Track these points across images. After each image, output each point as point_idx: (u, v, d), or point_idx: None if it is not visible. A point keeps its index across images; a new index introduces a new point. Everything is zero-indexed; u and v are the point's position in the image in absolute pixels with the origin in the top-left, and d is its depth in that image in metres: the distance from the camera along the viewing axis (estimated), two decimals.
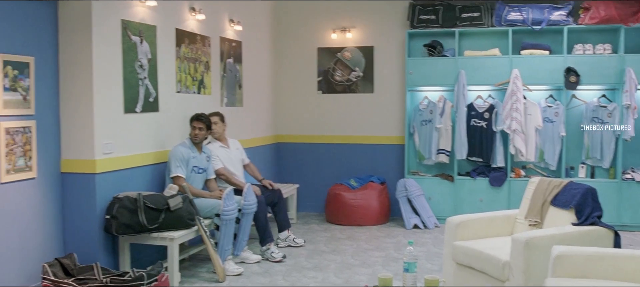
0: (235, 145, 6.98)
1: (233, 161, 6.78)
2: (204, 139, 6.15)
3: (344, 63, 8.78)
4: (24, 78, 4.87)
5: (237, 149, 6.96)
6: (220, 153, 6.64)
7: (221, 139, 6.75)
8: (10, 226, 4.78)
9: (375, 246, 6.92)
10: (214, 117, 6.60)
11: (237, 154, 6.93)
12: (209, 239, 5.58)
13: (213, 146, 6.60)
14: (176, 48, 6.37)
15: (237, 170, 6.82)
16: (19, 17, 4.83)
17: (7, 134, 4.72)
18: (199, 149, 6.11)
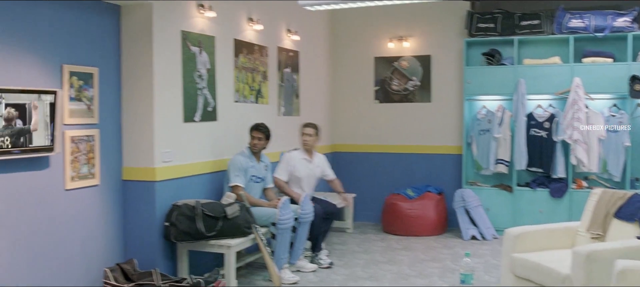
0: (319, 161, 6.99)
1: (309, 175, 6.81)
2: (262, 149, 6.20)
3: (401, 72, 8.74)
4: (88, 88, 5.02)
5: (318, 166, 6.95)
6: (299, 165, 6.74)
7: (309, 151, 6.84)
8: (74, 231, 4.93)
9: (431, 256, 6.85)
10: (309, 128, 6.80)
11: (316, 170, 6.93)
12: (265, 248, 5.63)
13: (295, 155, 6.75)
14: (234, 58, 6.46)
15: (309, 185, 6.83)
16: (84, 30, 4.99)
17: (72, 142, 4.87)
18: (257, 158, 6.17)
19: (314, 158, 6.90)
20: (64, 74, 4.79)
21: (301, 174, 6.74)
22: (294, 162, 6.73)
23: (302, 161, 6.78)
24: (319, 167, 6.97)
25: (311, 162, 6.84)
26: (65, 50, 4.82)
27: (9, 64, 4.36)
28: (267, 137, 6.18)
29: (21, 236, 4.48)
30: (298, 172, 6.72)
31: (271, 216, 5.84)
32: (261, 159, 6.22)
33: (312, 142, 6.80)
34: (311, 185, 6.88)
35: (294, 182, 6.76)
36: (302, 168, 6.75)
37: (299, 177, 6.73)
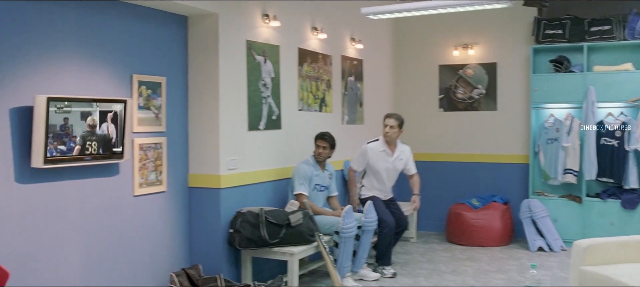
0: (402, 154, 6.67)
1: (387, 168, 6.56)
2: (327, 158, 6.21)
3: (466, 80, 8.63)
4: (156, 97, 5.15)
5: (400, 159, 6.65)
6: (376, 157, 6.52)
7: (390, 144, 6.56)
8: (142, 236, 5.06)
9: (497, 267, 6.72)
10: (390, 119, 6.51)
11: (398, 164, 6.64)
12: (328, 256, 5.64)
13: (373, 146, 6.55)
14: (298, 67, 6.52)
15: (388, 178, 6.61)
16: (153, 40, 5.13)
17: (141, 150, 5.01)
18: (322, 167, 6.19)
19: (395, 151, 6.60)
20: (134, 84, 4.94)
21: (378, 167, 6.53)
22: (371, 153, 6.52)
23: (380, 153, 6.54)
24: (402, 160, 6.66)
25: (391, 155, 6.57)
26: (135, 61, 4.97)
27: (83, 74, 4.53)
28: (332, 146, 6.18)
29: (92, 240, 4.63)
30: (375, 164, 6.52)
31: (334, 224, 5.84)
32: (326, 168, 6.24)
33: (393, 134, 6.50)
34: (390, 178, 6.64)
35: (370, 174, 6.60)
36: (379, 161, 6.53)
37: (376, 170, 6.54)
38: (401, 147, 6.68)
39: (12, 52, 4.05)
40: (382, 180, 6.59)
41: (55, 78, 4.33)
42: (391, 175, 6.64)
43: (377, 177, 6.60)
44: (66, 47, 4.41)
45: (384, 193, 6.69)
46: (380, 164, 6.53)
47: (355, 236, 5.99)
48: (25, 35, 4.13)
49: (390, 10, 6.06)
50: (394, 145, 6.59)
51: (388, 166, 6.56)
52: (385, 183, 6.63)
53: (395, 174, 6.69)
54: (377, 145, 6.56)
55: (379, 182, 6.61)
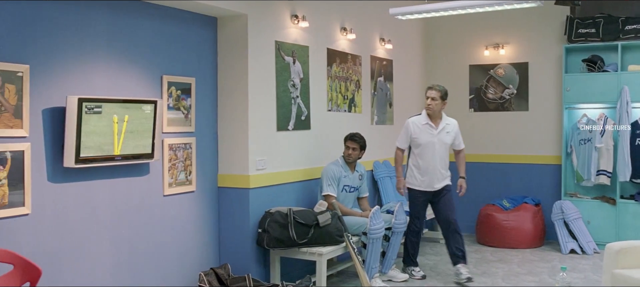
0: (449, 127, 6.21)
1: (432, 142, 6.11)
2: (357, 159, 6.19)
3: (496, 80, 8.55)
4: (186, 98, 5.20)
5: (447, 133, 6.19)
6: (418, 130, 6.14)
7: (433, 117, 6.14)
8: (172, 235, 5.11)
9: (528, 270, 6.64)
10: (432, 90, 6.11)
11: (445, 137, 6.18)
12: (356, 256, 5.63)
13: (415, 120, 6.20)
14: (327, 67, 6.52)
15: (433, 153, 6.11)
16: (182, 41, 5.18)
17: (170, 150, 5.06)
18: (351, 168, 6.17)
19: (440, 123, 6.16)
20: (164, 85, 4.99)
21: (421, 141, 6.11)
22: (412, 127, 6.17)
23: (423, 126, 6.13)
24: (449, 133, 6.19)
25: (435, 128, 6.12)
26: (165, 62, 5.02)
27: (114, 75, 4.59)
28: (361, 147, 6.15)
29: (122, 239, 4.69)
30: (417, 138, 6.13)
31: (362, 225, 5.83)
32: (356, 169, 6.21)
33: (435, 106, 6.08)
34: (437, 153, 6.11)
35: (415, 153, 6.20)
36: (422, 134, 6.12)
37: (420, 144, 6.13)
38: (447, 119, 6.23)
39: (45, 53, 4.12)
40: (427, 157, 6.11)
41: (87, 79, 4.40)
42: (438, 150, 6.12)
43: (422, 156, 6.13)
44: (98, 49, 4.47)
45: (431, 180, 6.14)
46: (423, 138, 6.11)
47: (385, 237, 5.97)
48: (58, 37, 4.20)
49: (418, 10, 6.03)
50: (438, 118, 6.16)
51: (433, 139, 6.10)
52: (431, 161, 6.10)
53: (444, 149, 6.17)
54: (420, 118, 6.18)
55: (424, 161, 6.12)
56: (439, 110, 6.14)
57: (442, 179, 6.21)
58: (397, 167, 6.37)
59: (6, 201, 3.92)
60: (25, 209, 4.02)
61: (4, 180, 3.90)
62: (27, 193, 4.02)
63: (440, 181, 6.19)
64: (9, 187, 3.93)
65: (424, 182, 6.19)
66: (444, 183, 6.21)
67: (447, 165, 6.26)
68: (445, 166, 6.23)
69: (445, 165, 6.22)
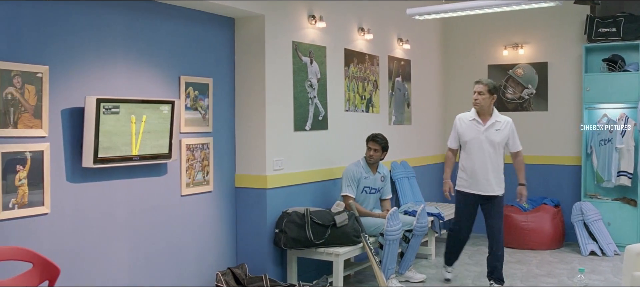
0: (498, 123, 5.71)
1: (478, 140, 5.69)
2: (379, 160, 6.16)
3: (515, 80, 8.49)
4: (203, 98, 5.23)
5: (497, 130, 5.70)
6: (465, 126, 5.77)
7: (482, 114, 5.73)
8: (189, 235, 5.14)
9: (546, 271, 6.59)
10: (478, 85, 5.73)
11: (491, 135, 5.67)
12: (373, 257, 5.62)
13: (463, 116, 5.84)
14: (345, 68, 6.52)
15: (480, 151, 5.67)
16: (200, 42, 5.21)
17: (188, 150, 5.09)
18: (373, 169, 6.15)
19: (488, 121, 5.70)
20: (181, 85, 5.02)
21: (467, 139, 5.72)
22: (459, 123, 5.82)
23: (469, 123, 5.74)
24: (499, 131, 5.68)
25: (483, 125, 5.69)
26: (183, 62, 5.05)
27: (132, 76, 4.63)
28: (383, 148, 6.11)
29: (140, 238, 4.73)
30: (464, 135, 5.75)
31: (380, 226, 5.82)
32: (378, 170, 6.19)
33: (483, 101, 5.65)
34: (486, 153, 5.65)
35: (464, 151, 5.79)
36: (468, 131, 5.72)
37: (466, 141, 5.74)
38: (498, 116, 5.75)
39: (64, 55, 4.17)
40: (473, 157, 5.68)
41: (106, 80, 4.44)
42: (486, 149, 5.64)
43: (468, 155, 5.73)
44: (116, 50, 4.51)
45: (477, 183, 5.71)
46: (468, 135, 5.71)
47: (404, 238, 5.95)
48: (77, 39, 4.25)
49: (436, 10, 6.00)
50: (487, 114, 5.70)
51: (480, 137, 5.66)
52: (478, 161, 5.66)
53: (493, 150, 5.66)
54: (468, 114, 5.80)
55: (470, 161, 5.72)
56: (488, 105, 5.66)
57: (493, 185, 5.67)
58: (445, 167, 5.97)
59: (26, 200, 3.96)
60: (45, 209, 4.07)
61: (24, 179, 3.95)
62: (47, 193, 4.07)
63: (489, 186, 5.68)
64: (28, 187, 3.97)
65: (470, 184, 5.75)
66: (495, 191, 5.69)
67: (500, 169, 5.71)
68: (497, 169, 5.67)
69: (496, 169, 5.67)
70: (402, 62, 7.72)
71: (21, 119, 3.93)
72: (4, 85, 3.82)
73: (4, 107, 3.83)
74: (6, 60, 3.83)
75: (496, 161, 5.67)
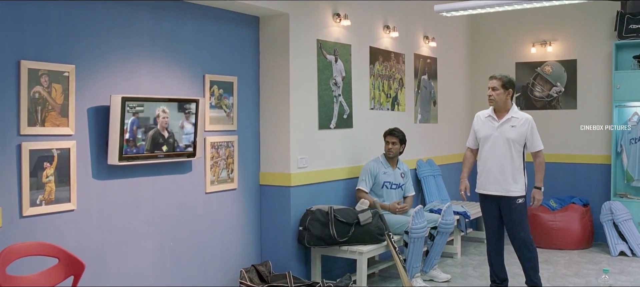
0: (515, 120, 5.37)
1: (492, 136, 5.39)
2: (398, 154, 6.16)
3: (544, 78, 8.39)
4: (228, 96, 5.26)
5: (512, 127, 5.35)
6: (480, 123, 5.54)
7: (498, 110, 5.44)
8: (213, 232, 5.18)
9: (574, 272, 6.51)
10: (492, 80, 5.42)
11: (505, 131, 5.36)
12: (398, 255, 5.61)
13: (480, 113, 5.61)
14: (370, 66, 6.50)
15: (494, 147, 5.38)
16: (225, 41, 5.24)
17: (212, 148, 5.12)
18: (392, 164, 6.14)
19: (504, 117, 5.39)
20: (206, 83, 5.05)
21: (481, 135, 5.48)
22: (476, 120, 5.59)
23: (485, 119, 5.50)
24: (514, 128, 5.33)
25: (497, 121, 5.41)
26: (207, 61, 5.09)
27: (157, 75, 4.67)
28: (401, 141, 6.13)
29: (165, 235, 4.78)
30: (479, 132, 5.52)
31: (404, 224, 5.80)
32: (398, 166, 6.19)
33: (497, 97, 5.36)
34: (497, 151, 5.36)
35: (481, 150, 5.53)
36: (483, 128, 5.48)
37: (480, 138, 5.50)
38: (516, 113, 5.41)
39: (90, 54, 4.22)
40: (486, 154, 5.43)
41: (131, 78, 4.49)
42: (499, 146, 5.35)
43: (482, 153, 5.48)
44: (141, 48, 4.56)
45: (488, 181, 5.45)
46: (483, 132, 5.46)
47: (430, 236, 5.92)
48: (102, 38, 4.30)
49: (464, 7, 5.96)
50: (503, 110, 5.41)
51: (493, 133, 5.38)
52: (490, 158, 5.39)
53: (507, 147, 5.33)
54: (485, 111, 5.56)
55: (483, 159, 5.47)
56: (503, 101, 5.37)
57: (504, 185, 5.37)
58: (463, 167, 5.74)
59: (53, 196, 4.03)
60: (71, 205, 4.13)
61: (51, 176, 4.02)
62: (73, 189, 4.13)
63: (499, 185, 5.38)
64: (55, 184, 4.03)
65: (484, 184, 5.49)
66: (507, 192, 5.37)
67: (516, 169, 5.36)
68: (511, 168, 5.34)
69: (510, 167, 5.34)
70: (429, 59, 7.67)
71: (48, 117, 3.99)
72: (31, 84, 3.88)
73: (32, 105, 3.90)
74: (33, 60, 3.90)
75: (510, 159, 5.33)
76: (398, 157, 6.21)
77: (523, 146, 5.39)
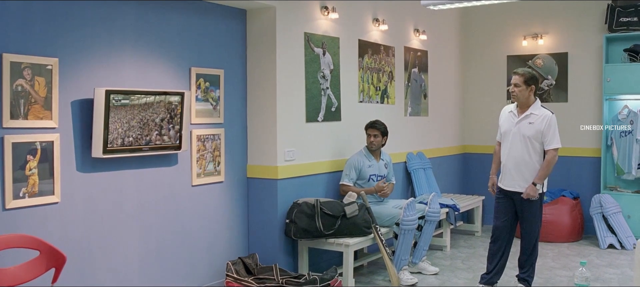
0: (534, 116, 5.28)
1: (512, 132, 5.35)
2: (380, 146, 6.18)
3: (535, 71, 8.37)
4: (214, 89, 5.27)
5: (530, 124, 5.27)
6: (503, 118, 5.53)
7: (520, 106, 5.37)
8: (200, 225, 5.20)
9: (562, 264, 6.53)
10: (515, 76, 5.33)
11: (522, 127, 5.30)
12: (385, 248, 5.63)
13: (506, 107, 5.57)
14: (359, 59, 6.51)
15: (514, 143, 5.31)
16: (211, 33, 5.24)
17: (199, 141, 5.14)
18: (376, 157, 6.17)
19: (524, 113, 5.32)
20: (192, 76, 5.06)
21: (503, 129, 5.47)
22: (502, 115, 5.56)
23: (508, 114, 5.47)
24: (532, 124, 5.26)
25: (518, 117, 5.34)
26: (194, 54, 5.10)
27: (142, 68, 4.68)
28: (383, 133, 6.14)
29: (150, 228, 4.79)
30: (502, 126, 5.50)
31: (395, 216, 5.82)
32: (381, 157, 6.22)
33: (520, 93, 5.29)
34: (514, 144, 5.32)
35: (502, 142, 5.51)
36: (506, 123, 5.45)
37: (502, 133, 5.49)
38: (537, 109, 5.31)
39: (74, 47, 4.23)
40: (505, 149, 5.41)
41: (115, 71, 4.50)
42: (516, 142, 5.31)
43: (504, 147, 5.45)
44: (126, 42, 4.57)
45: (505, 176, 5.41)
46: (505, 126, 5.45)
47: (418, 226, 5.94)
48: (86, 31, 4.31)
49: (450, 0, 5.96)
50: (524, 106, 5.34)
51: (512, 129, 5.35)
52: (507, 154, 5.38)
53: (523, 143, 5.28)
54: (511, 105, 5.53)
55: (503, 154, 5.45)
56: (526, 97, 5.28)
57: (518, 181, 5.33)
58: (493, 163, 5.69)
59: (36, 189, 4.04)
60: (55, 198, 4.15)
61: (35, 169, 4.03)
62: (57, 182, 4.14)
63: (513, 181, 5.36)
64: (39, 177, 4.05)
65: (501, 179, 5.47)
66: (521, 188, 5.31)
67: (531, 166, 5.28)
68: (526, 165, 5.28)
69: (525, 164, 5.28)
70: (419, 52, 7.68)
71: (31, 110, 4.00)
72: (14, 77, 3.89)
73: (14, 98, 3.91)
74: (16, 53, 3.90)
75: (526, 155, 5.27)
76: (381, 149, 6.22)
77: (542, 144, 5.30)
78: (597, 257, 6.78)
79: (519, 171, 5.31)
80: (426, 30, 7.69)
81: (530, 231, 5.42)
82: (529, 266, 5.51)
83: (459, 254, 6.97)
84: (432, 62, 7.98)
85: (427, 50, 7.84)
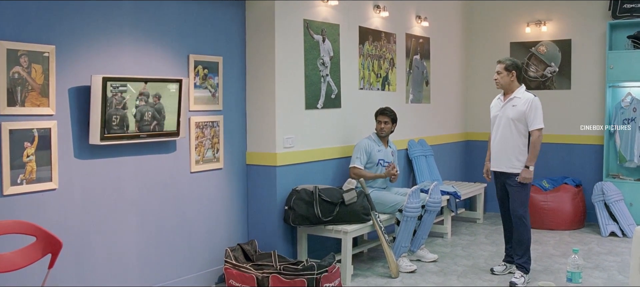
0: (516, 99, 5.48)
1: (498, 116, 5.59)
2: (389, 133, 6.19)
3: (538, 58, 8.36)
4: (213, 76, 5.28)
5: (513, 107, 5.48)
6: (494, 105, 5.73)
7: (505, 91, 5.61)
8: (199, 212, 5.22)
9: (562, 252, 6.52)
10: (498, 64, 5.60)
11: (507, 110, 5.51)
12: (383, 235, 5.64)
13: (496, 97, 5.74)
14: (359, 46, 6.49)
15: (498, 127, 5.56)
16: (210, 21, 5.24)
17: (197, 128, 5.15)
18: (385, 143, 6.18)
19: (508, 98, 5.54)
20: (190, 63, 5.07)
21: (492, 114, 5.74)
22: (492, 103, 5.79)
23: (496, 101, 5.72)
24: (515, 107, 5.45)
25: (504, 102, 5.56)
26: (192, 41, 5.10)
27: (140, 55, 4.69)
28: (393, 120, 6.17)
29: (149, 214, 4.82)
30: (491, 112, 5.76)
31: (399, 203, 5.83)
32: (389, 145, 6.23)
33: (501, 80, 5.53)
34: (500, 127, 5.54)
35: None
36: (494, 108, 5.72)
37: (491, 118, 5.75)
38: (520, 93, 5.51)
39: (71, 34, 4.24)
40: (493, 132, 5.67)
41: (113, 59, 4.51)
42: (501, 125, 5.53)
43: (492, 132, 5.72)
44: (123, 29, 4.58)
45: (494, 157, 5.63)
46: (493, 112, 5.72)
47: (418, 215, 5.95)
48: (83, 18, 4.32)
49: None
50: (508, 91, 5.56)
51: (499, 113, 5.60)
52: (495, 137, 5.61)
53: (508, 126, 5.48)
54: (498, 95, 5.76)
55: (492, 138, 5.70)
56: (508, 83, 5.52)
57: (503, 161, 5.53)
58: (487, 150, 5.93)
59: (34, 176, 4.07)
60: (53, 184, 4.17)
61: (32, 156, 4.06)
62: (54, 169, 4.17)
63: (499, 161, 5.57)
64: (36, 163, 4.07)
65: (493, 156, 5.66)
66: (506, 168, 5.51)
67: (516, 147, 5.45)
68: (511, 146, 5.46)
69: (510, 145, 5.47)
70: (421, 39, 7.65)
71: (28, 97, 4.02)
72: (10, 64, 3.91)
73: (11, 85, 3.93)
74: (13, 40, 3.92)
75: (510, 137, 5.47)
76: (389, 137, 6.24)
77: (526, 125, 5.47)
78: (598, 245, 6.78)
79: (505, 152, 5.53)
80: (428, 17, 7.66)
81: (517, 209, 5.52)
82: (523, 252, 5.52)
83: (459, 241, 6.98)
84: (434, 49, 7.95)
85: (429, 37, 7.81)
